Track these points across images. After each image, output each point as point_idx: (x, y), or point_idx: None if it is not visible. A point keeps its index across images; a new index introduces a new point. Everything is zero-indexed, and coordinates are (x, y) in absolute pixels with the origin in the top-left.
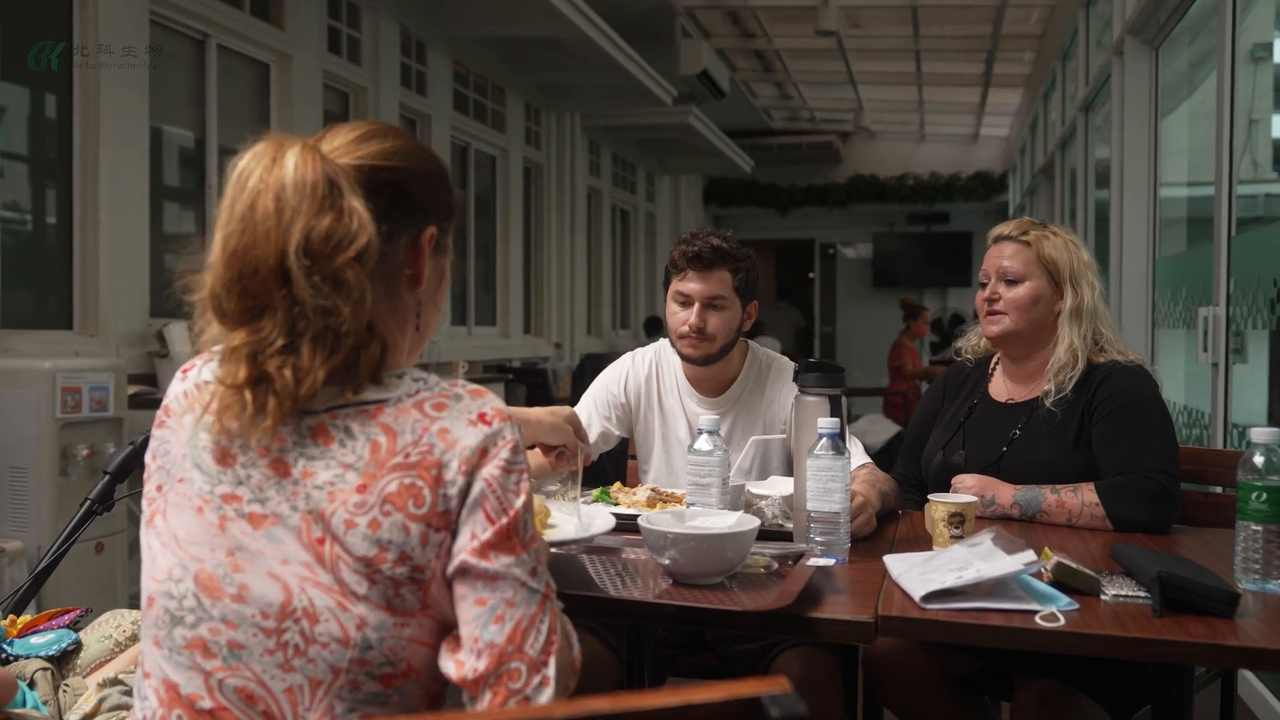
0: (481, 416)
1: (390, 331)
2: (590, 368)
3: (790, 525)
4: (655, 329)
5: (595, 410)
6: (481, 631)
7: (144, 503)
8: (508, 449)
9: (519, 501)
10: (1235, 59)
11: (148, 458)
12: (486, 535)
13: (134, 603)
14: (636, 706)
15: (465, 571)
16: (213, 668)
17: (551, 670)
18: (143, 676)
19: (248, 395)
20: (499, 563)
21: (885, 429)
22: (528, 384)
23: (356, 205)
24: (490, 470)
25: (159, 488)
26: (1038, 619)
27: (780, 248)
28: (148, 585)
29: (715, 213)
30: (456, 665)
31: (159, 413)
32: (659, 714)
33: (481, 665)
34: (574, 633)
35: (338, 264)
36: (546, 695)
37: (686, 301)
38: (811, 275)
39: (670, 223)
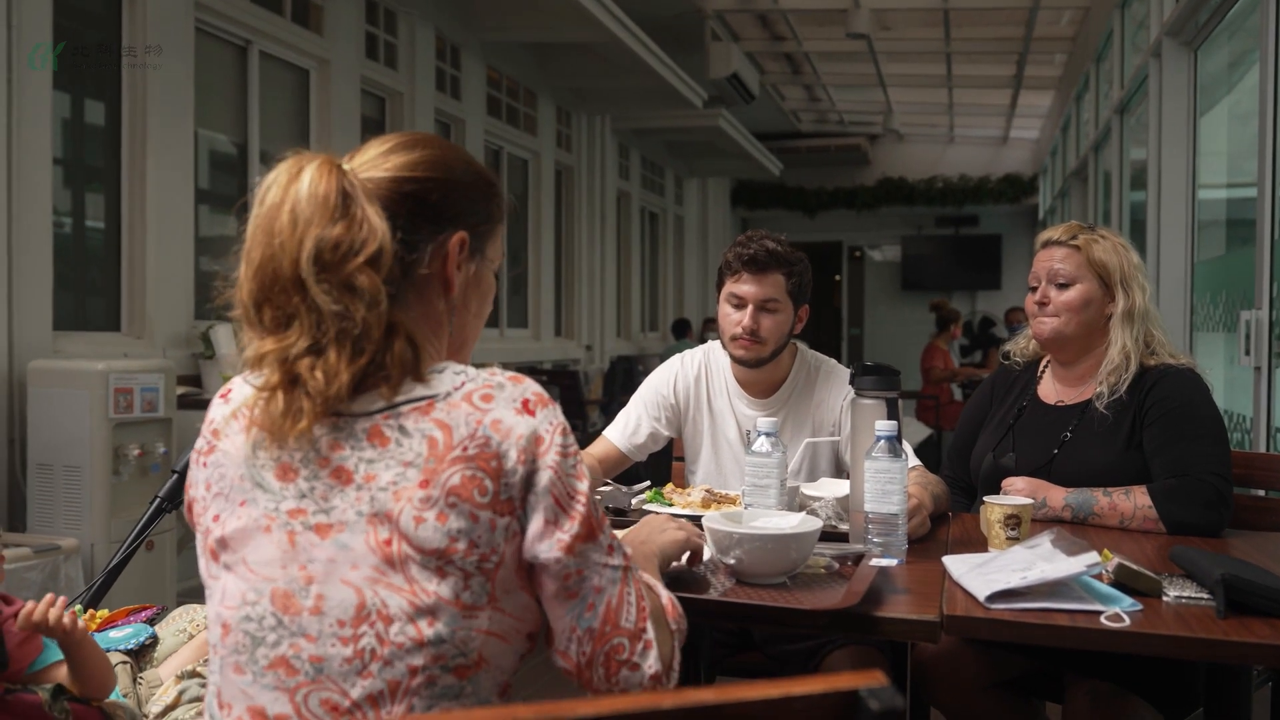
0: (525, 403)
1: (424, 337)
2: (621, 370)
3: (844, 526)
4: (683, 331)
5: (645, 411)
6: (578, 621)
7: (199, 535)
8: (559, 434)
9: (583, 485)
10: (1279, 58)
11: (200, 490)
12: (568, 528)
13: (181, 600)
14: (739, 698)
15: (548, 568)
16: (297, 684)
17: (650, 633)
18: (218, 708)
19: (281, 397)
20: (581, 554)
21: (917, 432)
22: (560, 386)
23: (370, 213)
24: (551, 458)
25: (216, 517)
26: (1103, 619)
27: (808, 250)
28: (220, 615)
29: (743, 215)
30: (564, 658)
31: (205, 438)
32: (760, 705)
33: (588, 649)
34: (657, 583)
35: (348, 270)
36: (651, 657)
37: (740, 303)
38: (838, 278)
39: (698, 225)
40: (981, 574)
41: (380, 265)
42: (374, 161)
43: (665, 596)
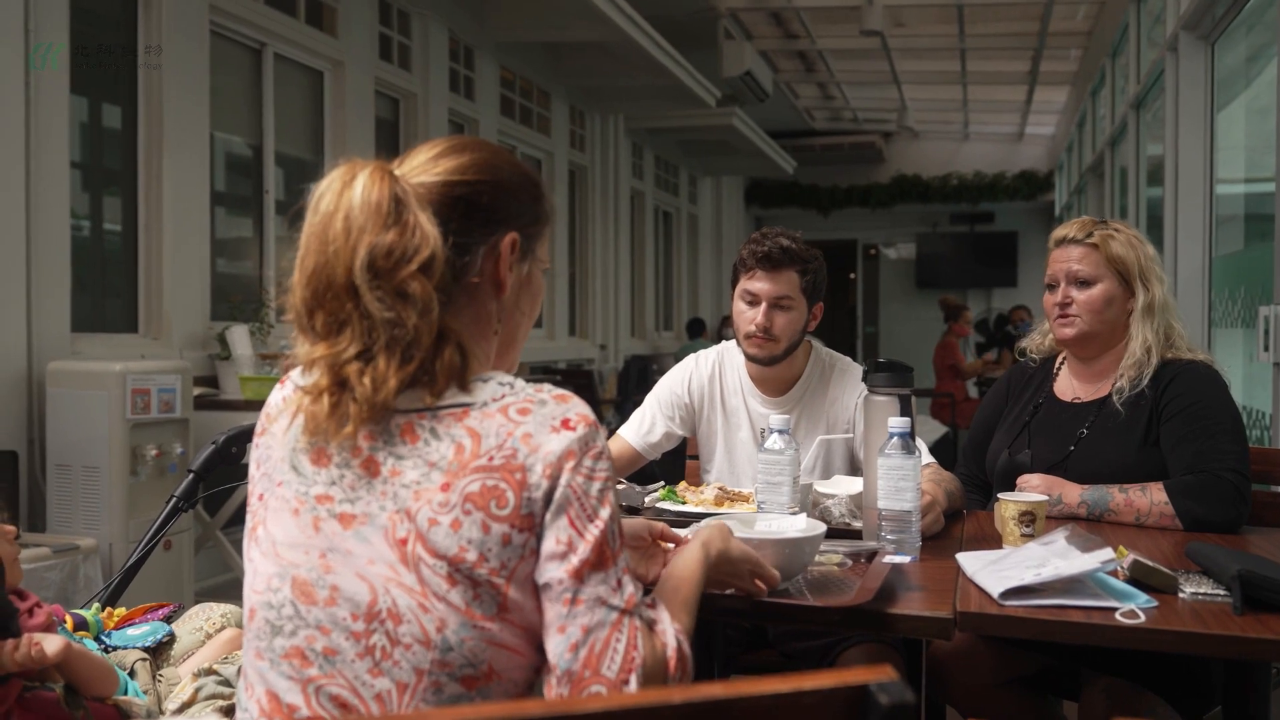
0: (565, 422)
1: (472, 339)
2: (635, 369)
3: (857, 524)
4: (698, 330)
5: (659, 410)
6: (559, 660)
7: (247, 514)
8: (591, 456)
9: (605, 512)
10: None
11: (252, 467)
12: (580, 551)
13: (199, 599)
14: (750, 692)
15: (550, 588)
16: (310, 675)
17: (633, 686)
18: (244, 689)
19: (328, 401)
20: (585, 580)
21: (932, 430)
22: (574, 386)
23: (422, 220)
24: (575, 478)
25: (260, 496)
26: (1118, 615)
27: (822, 248)
28: (249, 597)
29: (757, 214)
30: (548, 688)
31: (260, 421)
32: (771, 699)
33: (565, 691)
34: (667, 629)
35: (401, 277)
36: None
37: (754, 301)
38: (853, 276)
39: (712, 224)
40: (995, 571)
41: (433, 272)
42: (423, 166)
43: (673, 648)
